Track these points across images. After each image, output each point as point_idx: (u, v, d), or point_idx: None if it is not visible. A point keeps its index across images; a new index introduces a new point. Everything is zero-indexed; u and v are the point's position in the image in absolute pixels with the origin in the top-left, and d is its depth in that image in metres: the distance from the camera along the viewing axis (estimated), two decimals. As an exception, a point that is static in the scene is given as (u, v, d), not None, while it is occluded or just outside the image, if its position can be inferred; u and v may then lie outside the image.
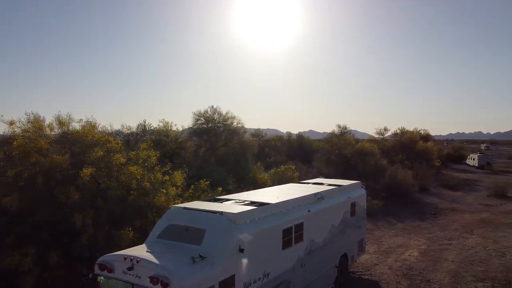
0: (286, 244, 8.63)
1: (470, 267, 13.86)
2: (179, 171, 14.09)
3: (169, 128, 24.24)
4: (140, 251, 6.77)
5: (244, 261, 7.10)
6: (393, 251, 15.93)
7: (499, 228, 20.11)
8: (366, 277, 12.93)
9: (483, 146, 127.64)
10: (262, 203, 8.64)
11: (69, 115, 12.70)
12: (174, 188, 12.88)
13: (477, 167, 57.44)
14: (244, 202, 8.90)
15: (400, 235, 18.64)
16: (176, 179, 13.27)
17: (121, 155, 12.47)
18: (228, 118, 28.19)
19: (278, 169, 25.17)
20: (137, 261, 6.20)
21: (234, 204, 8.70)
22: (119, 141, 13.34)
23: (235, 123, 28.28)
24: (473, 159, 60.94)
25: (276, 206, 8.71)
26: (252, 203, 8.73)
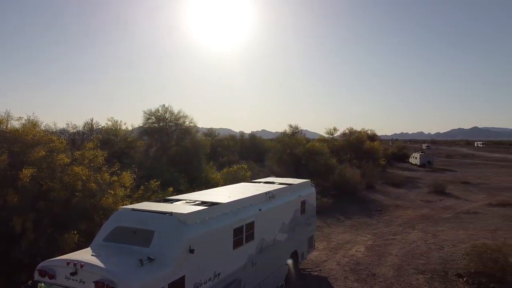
0: (237, 243, 8.66)
1: (412, 260, 14.63)
2: (128, 172, 13.71)
3: (118, 127, 23.49)
4: (84, 255, 6.51)
5: (195, 261, 7.04)
6: (341, 247, 16.46)
7: (438, 223, 21.39)
8: (316, 273, 13.26)
9: (424, 146, 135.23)
10: (213, 203, 8.61)
11: (8, 113, 11.95)
12: (122, 189, 12.51)
13: (419, 166, 60.68)
14: (195, 202, 8.82)
15: (348, 232, 19.30)
16: (124, 179, 12.89)
17: (65, 155, 11.92)
18: (180, 117, 27.79)
19: (231, 169, 25.18)
20: (81, 266, 5.96)
21: (185, 204, 8.60)
22: (63, 140, 12.76)
23: (187, 122, 27.94)
24: (416, 158, 64.32)
25: (227, 206, 8.72)
26: (203, 203, 8.68)
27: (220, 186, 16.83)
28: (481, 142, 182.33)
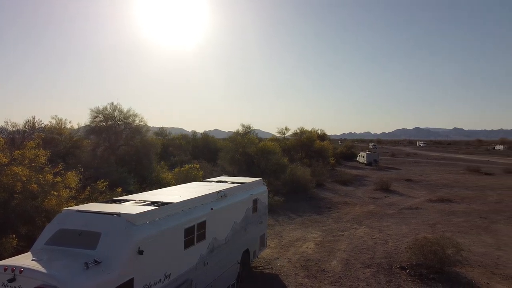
0: (188, 243, 8.56)
1: (359, 255, 15.19)
2: (73, 172, 13.13)
3: (63, 126, 22.40)
4: (24, 260, 6.13)
5: (144, 263, 6.87)
6: (292, 244, 16.77)
7: (384, 219, 22.39)
8: (267, 271, 13.41)
9: (371, 145, 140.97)
10: (164, 203, 8.45)
11: None
12: (67, 190, 11.95)
13: (366, 164, 63.16)
14: (144, 202, 8.61)
15: (299, 229, 19.68)
16: (69, 180, 12.34)
17: (3, 154, 11.19)
18: (130, 115, 27.02)
19: (182, 168, 24.85)
20: (20, 271, 5.62)
21: (134, 204, 8.36)
22: (1, 139, 11.98)
23: (137, 121, 27.21)
24: (363, 157, 66.88)
25: (178, 206, 8.59)
26: (153, 203, 8.49)
27: (172, 186, 16.56)
28: (422, 142, 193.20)
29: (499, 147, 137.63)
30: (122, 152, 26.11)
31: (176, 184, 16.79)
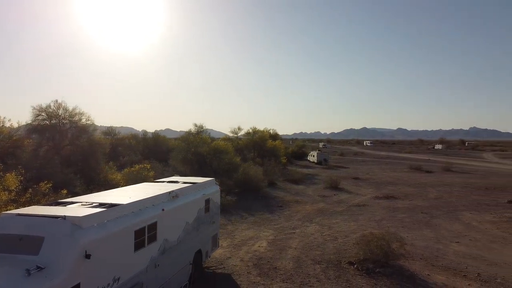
0: (139, 245, 8.35)
1: (310, 252, 15.56)
2: (13, 173, 12.37)
3: (1, 124, 21.03)
4: (-43, 268, 5.71)
5: (91, 267, 6.62)
6: (245, 243, 16.86)
7: (333, 216, 23.09)
8: (220, 271, 13.39)
9: (321, 145, 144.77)
10: (112, 205, 8.18)
11: None
12: (6, 192, 11.24)
13: (316, 163, 64.77)
14: (92, 204, 8.28)
15: (251, 228, 19.82)
16: (8, 182, 11.61)
17: None
18: (76, 114, 25.86)
19: (132, 169, 24.20)
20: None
21: (80, 207, 8.03)
22: None
23: (83, 120, 26.10)
24: (313, 156, 68.52)
25: (127, 207, 8.35)
26: (101, 205, 8.19)
27: (121, 187, 16.06)
28: (369, 141, 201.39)
29: (438, 146, 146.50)
30: (68, 152, 24.94)
31: (126, 185, 16.31)
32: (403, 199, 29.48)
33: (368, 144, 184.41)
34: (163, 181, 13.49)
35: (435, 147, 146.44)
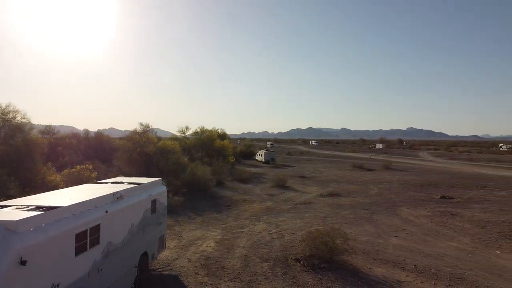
0: (80, 249, 7.99)
1: (257, 250, 15.72)
2: None
3: None
4: None
5: (27, 274, 6.23)
6: (192, 244, 16.68)
7: (280, 214, 23.48)
8: (167, 272, 13.14)
9: (268, 144, 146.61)
10: (51, 207, 7.76)
11: None
12: None
13: (264, 162, 65.51)
14: (28, 207, 7.80)
15: (199, 228, 19.65)
16: None
17: None
18: (9, 111, 24.12)
19: (73, 170, 23.07)
20: None
21: (15, 210, 7.53)
22: None
23: (18, 118, 24.42)
24: (261, 155, 69.25)
25: (67, 209, 7.96)
26: (38, 207, 7.74)
27: (61, 188, 15.25)
28: (315, 141, 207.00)
29: (379, 145, 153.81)
30: (1, 152, 23.24)
31: (66, 187, 15.52)
32: (347, 196, 30.63)
33: (313, 144, 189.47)
34: (107, 182, 13.00)
35: (376, 146, 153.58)
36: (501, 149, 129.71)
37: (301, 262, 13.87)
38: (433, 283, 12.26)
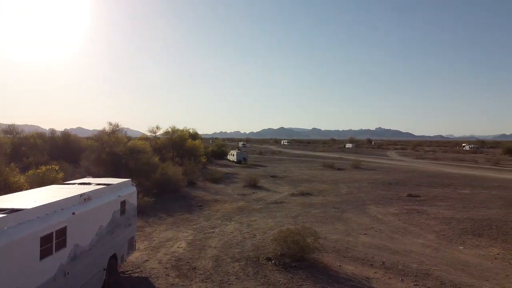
0: (45, 252, 7.74)
1: (229, 250, 15.69)
2: None
3: None
4: None
5: (-12, 280, 5.99)
6: (163, 245, 16.47)
7: (252, 214, 23.53)
8: (136, 274, 12.92)
9: (240, 144, 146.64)
10: (14, 210, 7.48)
11: None
12: None
13: (235, 162, 65.45)
14: (-11, 210, 7.49)
15: (170, 229, 19.41)
16: None
17: None
18: (-32, 110, 23.06)
19: (38, 170, 22.29)
20: None
21: (-25, 213, 7.21)
22: None
23: (-23, 117, 23.38)
24: (233, 155, 69.15)
25: (32, 212, 7.69)
26: (0, 210, 7.44)
27: (25, 190, 14.71)
28: (286, 141, 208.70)
29: (349, 145, 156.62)
30: (-41, 152, 22.18)
31: (31, 189, 14.97)
32: (317, 196, 31.05)
33: (285, 143, 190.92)
34: (74, 183, 12.64)
35: (346, 146, 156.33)
36: (464, 148, 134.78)
37: (273, 262, 13.95)
38: (400, 279, 12.61)
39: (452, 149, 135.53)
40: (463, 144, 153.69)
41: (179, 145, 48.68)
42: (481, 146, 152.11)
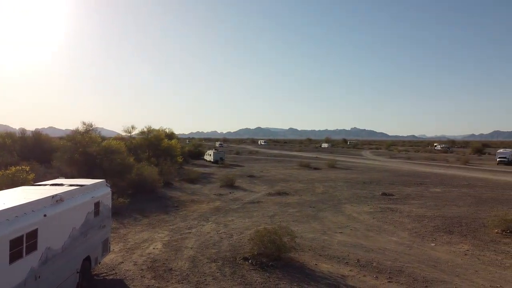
0: (15, 256, 7.51)
1: (206, 250, 15.61)
2: None
3: None
4: None
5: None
6: (138, 246, 16.23)
7: (229, 214, 23.49)
8: (111, 277, 12.69)
9: (217, 144, 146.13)
10: (-19, 212, 7.23)
11: None
12: None
13: (212, 162, 65.16)
14: (-45, 213, 7.21)
15: (145, 230, 19.15)
16: None
17: None
18: None
19: (8, 171, 21.57)
20: None
21: None
22: None
23: None
24: (210, 155, 68.80)
25: (0, 214, 7.44)
26: (-33, 213, 7.18)
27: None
28: (263, 140, 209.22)
29: (325, 145, 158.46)
30: None
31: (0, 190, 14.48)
32: (294, 195, 31.27)
33: (262, 143, 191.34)
34: (46, 184, 12.30)
35: (322, 146, 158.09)
36: (435, 148, 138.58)
37: (250, 261, 13.98)
38: (374, 276, 12.86)
39: (424, 149, 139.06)
40: (435, 144, 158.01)
41: (155, 145, 48.05)
42: (451, 146, 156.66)
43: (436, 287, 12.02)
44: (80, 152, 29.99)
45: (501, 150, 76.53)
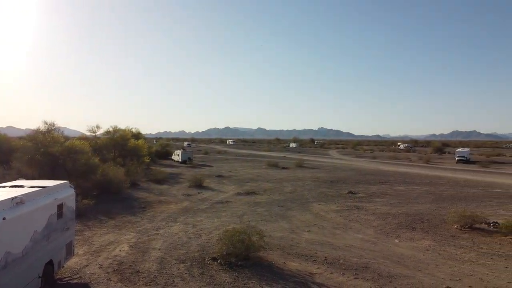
0: (-28, 262, 7.16)
1: (174, 251, 15.43)
2: None
3: None
4: None
5: None
6: (104, 249, 15.84)
7: (197, 214, 23.32)
8: (75, 281, 12.31)
9: (185, 144, 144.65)
10: None
11: None
12: None
13: (180, 162, 64.43)
14: None
15: (111, 232, 18.71)
16: None
17: None
18: None
19: (-38, 173, 20.49)
20: None
21: None
22: None
23: None
24: (178, 155, 68.00)
25: (-44, 218, 7.08)
26: None
27: None
28: (232, 140, 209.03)
29: (292, 144, 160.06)
30: None
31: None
32: (263, 194, 31.44)
33: (230, 143, 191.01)
34: (5, 186, 11.78)
35: (290, 145, 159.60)
36: (399, 147, 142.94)
37: (218, 261, 13.94)
38: (341, 273, 13.14)
39: (389, 148, 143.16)
40: (398, 144, 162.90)
41: (121, 145, 46.97)
42: (414, 145, 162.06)
43: (400, 282, 12.42)
44: (41, 153, 28.86)
45: (460, 150, 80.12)
